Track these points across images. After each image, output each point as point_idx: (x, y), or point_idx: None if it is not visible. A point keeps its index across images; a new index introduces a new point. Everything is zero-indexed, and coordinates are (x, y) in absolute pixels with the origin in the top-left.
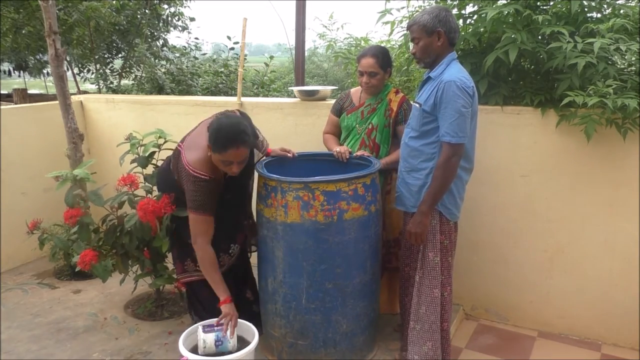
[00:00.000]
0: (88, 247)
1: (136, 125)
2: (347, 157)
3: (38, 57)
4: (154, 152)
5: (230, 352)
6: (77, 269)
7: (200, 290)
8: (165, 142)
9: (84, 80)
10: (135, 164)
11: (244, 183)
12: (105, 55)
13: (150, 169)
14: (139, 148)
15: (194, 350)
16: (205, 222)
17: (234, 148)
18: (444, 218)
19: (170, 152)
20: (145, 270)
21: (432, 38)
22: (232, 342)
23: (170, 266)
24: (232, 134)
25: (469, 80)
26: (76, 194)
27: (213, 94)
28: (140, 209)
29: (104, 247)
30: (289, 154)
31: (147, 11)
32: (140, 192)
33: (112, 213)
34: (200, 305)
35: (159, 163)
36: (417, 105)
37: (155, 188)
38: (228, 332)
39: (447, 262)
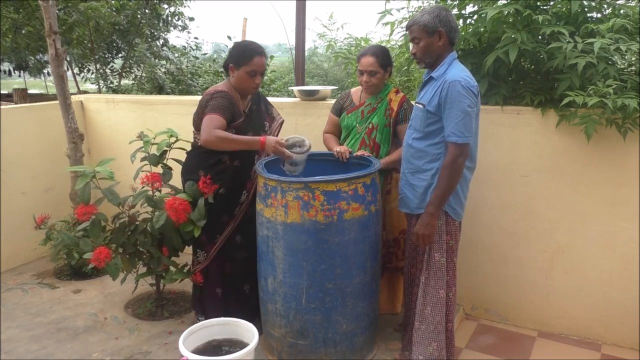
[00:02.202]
0: (95, 244)
1: (136, 125)
2: (347, 157)
3: (38, 57)
4: (165, 151)
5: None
6: (90, 266)
7: (219, 272)
8: (177, 141)
9: (84, 80)
10: (145, 162)
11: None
12: (106, 55)
13: (160, 168)
14: (150, 146)
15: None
16: (218, 120)
17: (258, 55)
18: (450, 218)
19: (180, 152)
20: (161, 267)
21: (433, 38)
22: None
23: (177, 263)
24: (254, 45)
25: (472, 80)
26: (88, 191)
27: None
28: (170, 208)
29: (110, 245)
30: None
31: (147, 11)
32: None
33: (124, 212)
34: (221, 287)
35: (169, 162)
36: (420, 106)
37: (160, 189)
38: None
39: (452, 263)
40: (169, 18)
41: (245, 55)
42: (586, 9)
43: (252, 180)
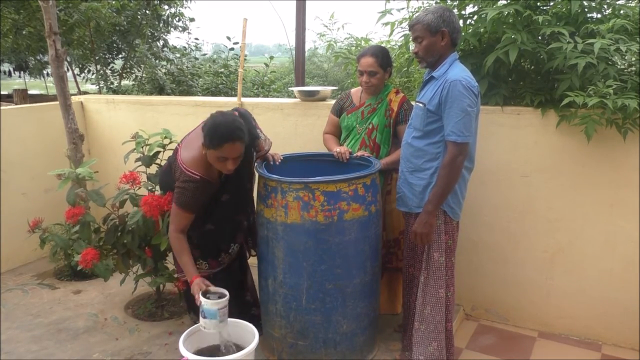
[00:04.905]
0: (89, 246)
1: (136, 126)
2: (347, 157)
3: (38, 57)
4: (158, 152)
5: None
6: (79, 268)
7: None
8: (171, 142)
9: (85, 81)
10: (139, 163)
11: (243, 184)
12: (106, 56)
13: (154, 169)
14: (143, 147)
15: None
16: (185, 218)
17: (229, 143)
18: (449, 218)
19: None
20: (146, 269)
21: (436, 38)
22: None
23: (170, 266)
24: (227, 130)
25: (473, 80)
26: (77, 193)
27: (213, 94)
28: (145, 204)
29: (104, 246)
30: (270, 161)
31: (147, 12)
32: (142, 191)
33: (114, 212)
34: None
35: (163, 163)
36: (421, 105)
37: (158, 187)
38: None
39: (450, 262)
40: (169, 19)
41: (215, 140)
42: (586, 9)
43: (243, 234)
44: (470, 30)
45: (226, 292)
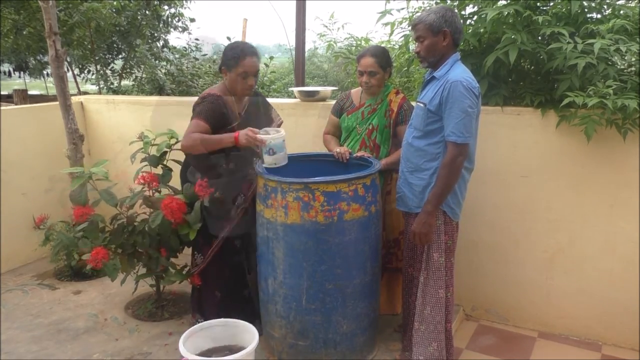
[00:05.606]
0: (93, 245)
1: (136, 126)
2: (347, 157)
3: (38, 58)
4: (165, 152)
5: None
6: (88, 267)
7: (218, 276)
8: (177, 142)
9: (85, 81)
10: (145, 163)
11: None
12: (106, 56)
13: (159, 169)
14: (150, 147)
15: None
16: (199, 126)
17: (249, 56)
18: (448, 218)
19: (180, 153)
20: (159, 268)
21: (438, 38)
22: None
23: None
24: (245, 46)
25: (474, 81)
26: (85, 192)
27: None
28: (165, 208)
29: (109, 246)
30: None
31: (147, 12)
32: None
33: (122, 213)
34: (220, 291)
35: (169, 163)
36: (422, 105)
37: (163, 190)
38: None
39: (449, 263)
40: (169, 19)
41: (235, 57)
42: (586, 10)
43: (249, 184)
44: (470, 31)
45: (276, 129)
